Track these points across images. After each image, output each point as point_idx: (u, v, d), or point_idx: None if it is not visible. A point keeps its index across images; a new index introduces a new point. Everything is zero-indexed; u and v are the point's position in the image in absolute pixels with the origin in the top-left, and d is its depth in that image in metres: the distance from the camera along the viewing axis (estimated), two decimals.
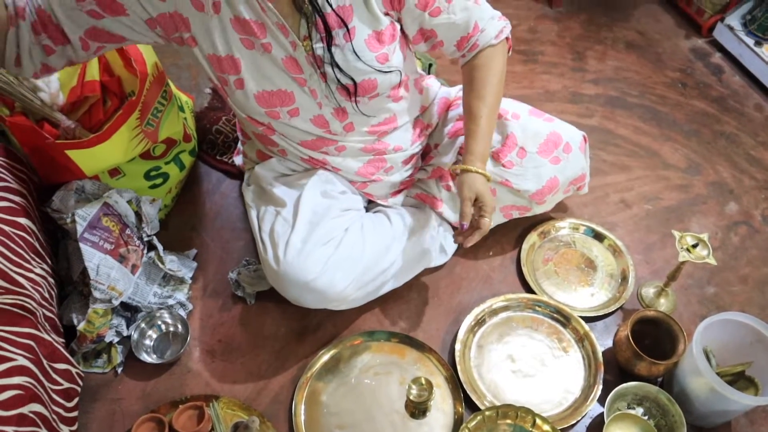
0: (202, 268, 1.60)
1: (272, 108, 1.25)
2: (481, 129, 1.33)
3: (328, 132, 1.34)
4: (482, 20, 1.30)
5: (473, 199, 1.30)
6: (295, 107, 1.26)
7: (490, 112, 1.34)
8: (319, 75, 1.22)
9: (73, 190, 1.42)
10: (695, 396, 1.28)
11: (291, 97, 1.24)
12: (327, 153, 1.40)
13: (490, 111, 1.34)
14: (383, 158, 1.45)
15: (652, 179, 1.84)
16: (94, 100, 1.46)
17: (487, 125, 1.34)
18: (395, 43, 1.26)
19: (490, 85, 1.34)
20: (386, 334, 1.46)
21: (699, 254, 1.38)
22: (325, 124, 1.32)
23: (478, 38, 1.31)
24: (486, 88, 1.34)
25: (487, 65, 1.34)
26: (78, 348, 1.39)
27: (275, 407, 1.37)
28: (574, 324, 1.47)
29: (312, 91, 1.25)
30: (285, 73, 1.21)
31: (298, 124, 1.31)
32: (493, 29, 1.31)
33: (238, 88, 1.22)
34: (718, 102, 2.10)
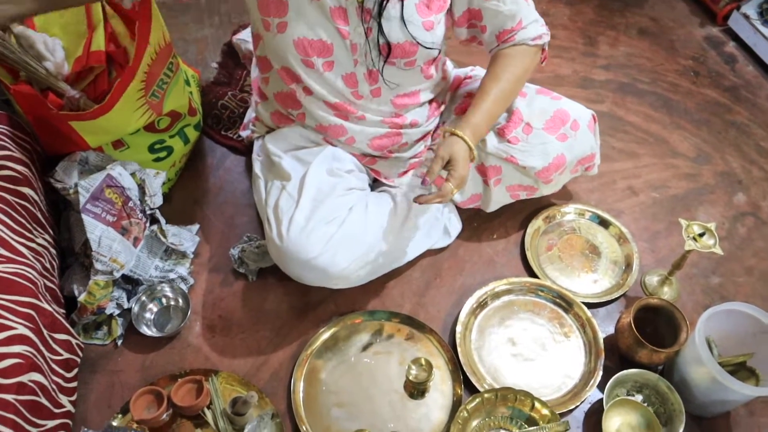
0: (205, 243, 1.59)
1: (308, 57, 1.25)
2: (484, 104, 1.32)
3: (355, 94, 1.34)
4: (527, 18, 1.32)
5: (446, 160, 1.27)
6: (331, 60, 1.27)
7: (500, 95, 1.33)
8: (365, 29, 1.23)
9: (77, 161, 1.41)
10: (695, 385, 1.28)
11: (330, 49, 1.25)
12: (347, 119, 1.39)
13: (501, 94, 1.34)
14: (399, 132, 1.44)
15: (660, 167, 1.83)
16: (100, 71, 1.45)
17: (493, 105, 1.33)
18: (442, 14, 1.28)
19: (510, 72, 1.34)
20: (387, 313, 1.46)
21: (705, 243, 1.37)
22: (355, 83, 1.32)
23: (518, 33, 1.32)
24: (505, 73, 1.34)
25: (515, 57, 1.35)
26: (78, 319, 1.39)
27: (274, 383, 1.37)
28: (576, 310, 1.46)
29: (353, 46, 1.26)
30: (330, 22, 1.22)
31: (330, 79, 1.30)
32: (534, 31, 1.34)
33: (279, 32, 1.23)
34: (730, 91, 2.07)
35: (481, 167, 1.49)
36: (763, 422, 1.35)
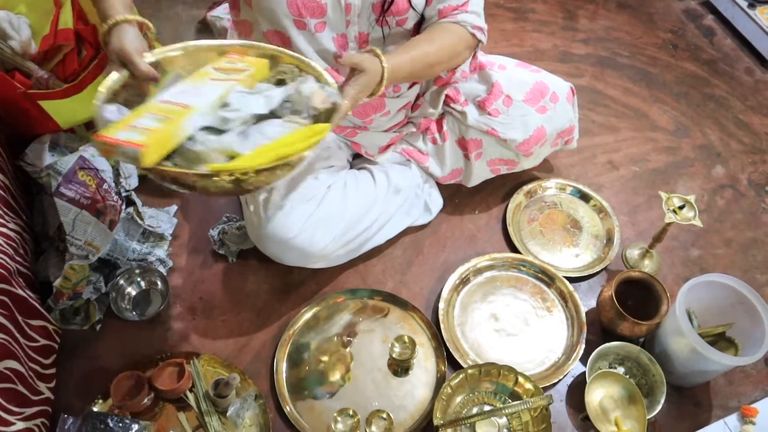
0: (183, 225, 1.56)
1: (302, 18, 1.21)
2: (412, 50, 1.22)
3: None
4: (473, 5, 1.27)
5: (360, 63, 1.13)
6: (323, 21, 1.23)
7: (427, 55, 1.24)
8: None
9: (48, 143, 1.37)
10: (676, 356, 1.29)
11: (323, 10, 1.21)
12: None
13: (428, 55, 1.25)
14: (383, 100, 1.40)
15: (640, 141, 1.83)
16: (68, 50, 1.41)
17: (418, 54, 1.23)
18: None
19: (443, 41, 1.26)
20: (369, 292, 1.45)
21: (685, 216, 1.37)
22: (345, 45, 1.28)
23: (461, 14, 1.26)
24: (440, 39, 1.26)
25: (452, 33, 1.27)
26: (55, 305, 1.36)
27: (257, 365, 1.36)
28: (559, 284, 1.47)
29: (347, 6, 1.21)
30: None
31: (320, 41, 1.25)
32: (476, 20, 1.28)
33: None
34: (708, 65, 2.07)
35: (462, 141, 1.48)
36: (742, 391, 1.37)
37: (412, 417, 1.29)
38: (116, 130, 0.91)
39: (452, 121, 1.48)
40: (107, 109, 1.00)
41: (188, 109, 0.98)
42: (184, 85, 1.05)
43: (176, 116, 0.96)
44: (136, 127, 0.92)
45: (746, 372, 1.40)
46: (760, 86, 2.01)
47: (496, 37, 2.08)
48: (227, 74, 1.07)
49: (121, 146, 0.89)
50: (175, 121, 0.95)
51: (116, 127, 0.92)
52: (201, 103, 1.00)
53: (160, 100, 1.00)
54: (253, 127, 1.01)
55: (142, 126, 0.92)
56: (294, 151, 0.97)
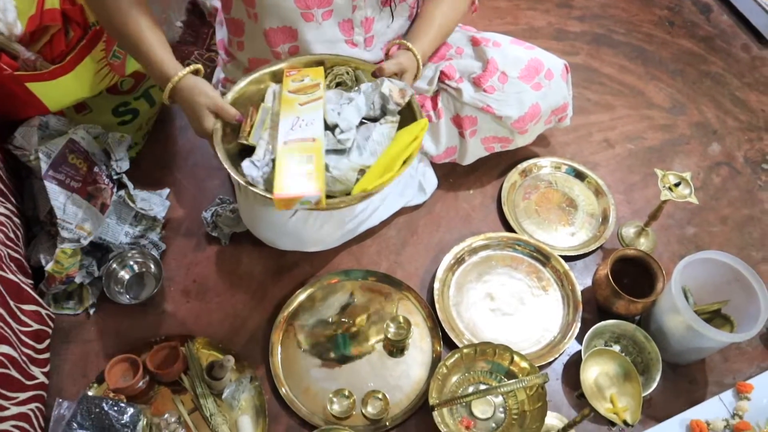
0: (176, 208, 1.55)
1: (309, 9, 1.21)
2: (432, 31, 1.33)
3: (349, 42, 1.31)
4: None
5: (401, 68, 1.25)
6: (330, 9, 1.23)
7: (443, 25, 1.35)
8: None
9: (36, 126, 1.35)
10: (671, 334, 1.29)
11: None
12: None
13: (443, 22, 1.35)
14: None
15: (635, 118, 1.81)
16: (55, 30, 1.38)
17: (438, 31, 1.34)
18: None
19: (451, 8, 1.35)
20: (364, 272, 1.44)
21: (681, 193, 1.36)
22: (350, 31, 1.29)
23: None
24: (448, 2, 1.34)
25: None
26: (47, 289, 1.35)
27: (252, 347, 1.36)
28: (554, 263, 1.46)
29: None
30: None
31: (326, 29, 1.26)
32: None
33: None
34: (705, 41, 2.05)
35: (457, 118, 1.47)
36: (737, 368, 1.37)
37: (407, 397, 1.29)
38: (283, 184, 1.02)
39: (447, 98, 1.47)
40: (245, 167, 1.10)
41: (317, 142, 1.09)
42: (286, 119, 1.13)
43: (316, 152, 1.06)
44: (297, 174, 1.03)
45: (741, 349, 1.40)
46: (756, 63, 1.99)
47: (490, 14, 2.05)
48: (306, 94, 1.17)
49: (302, 197, 1.01)
50: (319, 157, 1.06)
51: (279, 181, 1.03)
52: (319, 131, 1.10)
53: (284, 141, 1.09)
54: (359, 137, 1.14)
55: (301, 172, 1.04)
56: (414, 148, 1.11)
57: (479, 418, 1.25)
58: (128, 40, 1.16)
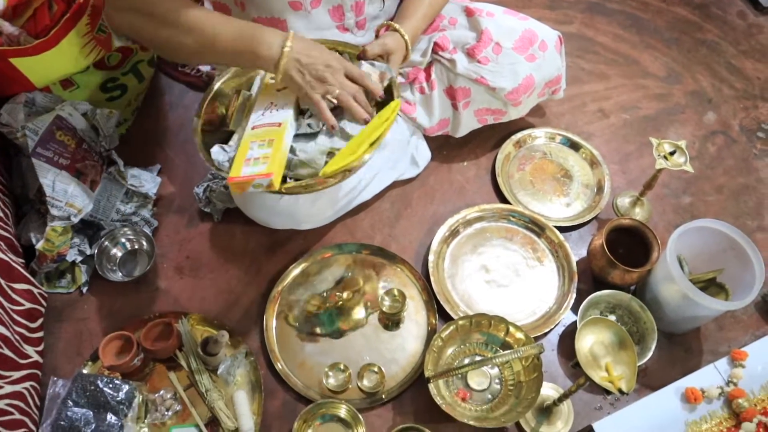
0: (167, 184, 1.54)
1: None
2: (422, 8, 1.33)
3: (340, 28, 1.30)
4: None
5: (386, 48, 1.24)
6: None
7: (432, 3, 1.36)
8: None
9: (23, 103, 1.33)
10: (667, 303, 1.29)
11: None
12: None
13: (433, 4, 1.36)
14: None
15: (630, 88, 1.80)
16: (39, 4, 1.34)
17: (429, 9, 1.35)
18: None
19: None
20: (357, 246, 1.43)
21: (676, 161, 1.35)
22: (341, 16, 1.28)
23: None
24: None
25: None
26: (38, 267, 1.34)
27: (246, 322, 1.35)
28: (549, 234, 1.45)
29: None
30: None
31: (316, 16, 1.25)
32: None
33: None
34: (700, 9, 2.03)
35: (450, 90, 1.45)
36: (732, 336, 1.37)
37: (403, 370, 1.29)
38: (239, 168, 1.04)
39: (440, 69, 1.45)
40: (214, 152, 1.13)
41: (282, 126, 1.09)
42: (260, 104, 1.16)
43: (277, 136, 1.08)
44: (253, 159, 1.05)
45: (736, 317, 1.40)
46: (753, 30, 1.97)
47: None
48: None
49: (254, 180, 1.02)
50: (279, 140, 1.07)
51: (237, 165, 1.05)
52: (287, 116, 1.12)
53: (252, 126, 1.11)
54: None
55: (257, 156, 1.05)
56: (384, 129, 1.10)
57: (475, 389, 1.25)
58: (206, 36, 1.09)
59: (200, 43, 1.09)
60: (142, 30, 1.10)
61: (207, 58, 1.18)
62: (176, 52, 1.14)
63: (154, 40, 1.11)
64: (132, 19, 1.09)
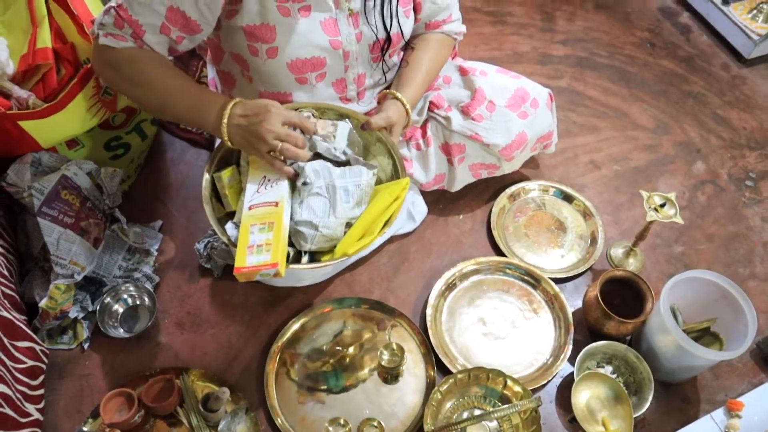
0: (168, 240, 1.56)
1: (302, 74, 1.26)
2: (419, 76, 1.39)
3: (343, 99, 1.37)
4: (455, 14, 1.45)
5: (390, 121, 1.31)
6: (324, 72, 1.28)
7: (430, 71, 1.42)
8: (356, 35, 1.26)
9: (29, 163, 1.36)
10: (662, 353, 1.30)
11: (323, 63, 1.26)
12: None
13: (431, 70, 1.42)
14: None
15: (620, 140, 1.85)
16: (47, 69, 1.40)
17: (426, 77, 1.41)
18: (411, 4, 1.35)
19: (437, 53, 1.43)
20: (356, 300, 1.45)
21: (666, 213, 1.39)
22: (344, 89, 1.35)
23: (447, 25, 1.44)
24: (434, 52, 1.43)
25: (441, 43, 1.45)
26: (41, 325, 1.36)
27: (246, 377, 1.36)
28: (544, 285, 1.48)
29: (345, 54, 1.27)
30: (322, 37, 1.22)
31: (320, 89, 1.32)
32: (459, 27, 1.46)
33: (270, 57, 1.22)
34: (686, 62, 2.10)
35: (445, 146, 1.49)
36: (728, 385, 1.38)
37: (403, 424, 1.30)
38: (244, 258, 1.05)
39: (436, 126, 1.50)
40: (228, 228, 1.16)
41: (279, 206, 1.11)
42: (253, 181, 1.17)
43: (277, 218, 1.09)
44: (255, 246, 1.06)
45: (732, 365, 1.41)
46: (736, 81, 2.04)
47: (475, 41, 2.09)
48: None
49: (261, 270, 1.04)
50: (279, 223, 1.09)
51: (241, 254, 1.06)
52: (283, 192, 1.14)
53: (249, 206, 1.13)
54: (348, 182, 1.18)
55: (260, 242, 1.07)
56: (395, 209, 1.17)
57: None
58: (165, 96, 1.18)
59: (158, 104, 1.19)
60: (117, 84, 1.21)
61: (169, 118, 1.30)
62: (146, 108, 1.29)
63: (128, 93, 1.24)
64: (110, 74, 1.19)
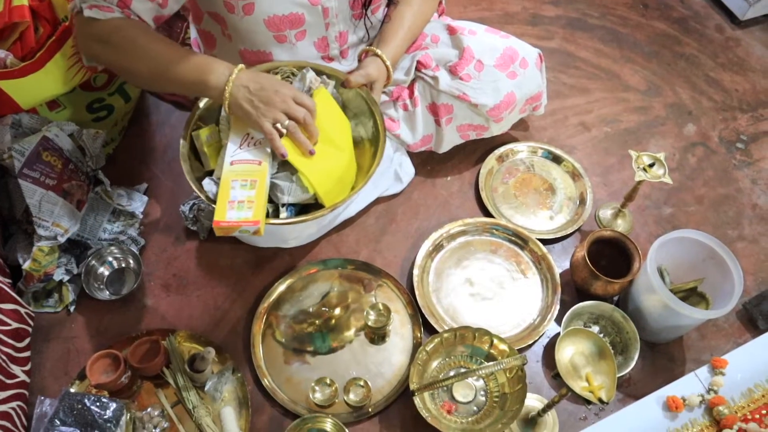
0: (154, 203, 1.55)
1: (281, 32, 1.23)
2: (401, 32, 1.37)
3: (325, 58, 1.34)
4: None
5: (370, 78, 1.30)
6: (303, 29, 1.25)
7: (413, 27, 1.40)
8: None
9: (9, 125, 1.34)
10: (649, 313, 1.31)
11: (301, 20, 1.23)
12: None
13: (414, 26, 1.40)
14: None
15: (611, 101, 1.83)
16: (24, 27, 1.36)
17: (408, 33, 1.39)
18: None
19: (421, 8, 1.40)
20: (343, 261, 1.45)
21: (655, 173, 1.38)
22: (326, 47, 1.32)
23: None
24: (417, 5, 1.39)
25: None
26: (25, 287, 1.35)
27: (233, 338, 1.36)
28: (532, 246, 1.47)
29: (324, 10, 1.24)
30: None
31: (301, 48, 1.29)
32: None
33: (247, 14, 1.19)
34: (678, 23, 2.06)
35: (433, 106, 1.47)
36: (714, 345, 1.39)
37: (389, 383, 1.30)
38: (224, 211, 1.05)
39: (423, 86, 1.47)
40: (205, 184, 1.15)
41: (263, 166, 1.11)
42: (235, 137, 1.15)
43: (260, 177, 1.09)
44: (237, 201, 1.06)
45: (718, 325, 1.42)
46: (730, 43, 2.01)
47: (465, 1, 2.05)
48: None
49: (241, 226, 1.04)
50: (262, 182, 1.09)
51: (221, 208, 1.05)
52: (267, 152, 1.13)
53: (231, 161, 1.11)
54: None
55: (242, 198, 1.06)
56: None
57: (460, 401, 1.26)
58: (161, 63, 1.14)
59: (153, 71, 1.13)
60: (106, 57, 1.16)
61: (161, 86, 1.27)
62: (134, 79, 1.24)
63: (114, 66, 1.19)
64: (97, 49, 1.15)
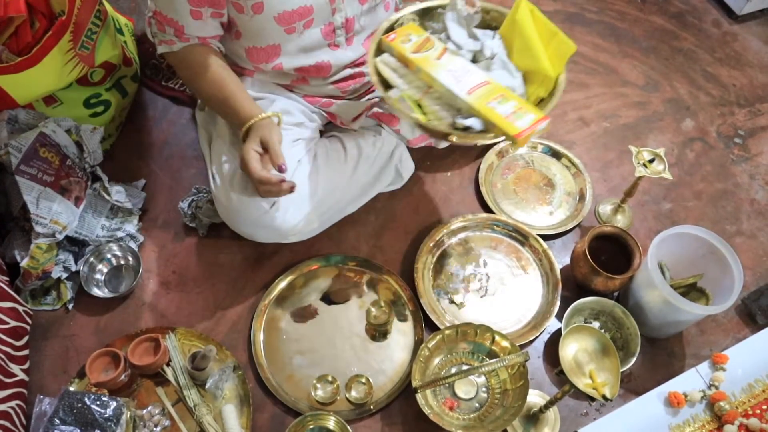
0: (152, 199, 1.54)
1: (291, 25, 1.24)
2: None
3: (331, 46, 1.33)
4: None
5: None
6: (311, 18, 1.25)
7: None
8: None
9: (5, 120, 1.33)
10: (649, 308, 1.31)
11: (309, 10, 1.23)
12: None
13: None
14: (363, 72, 1.43)
15: (610, 96, 1.83)
16: (20, 21, 1.34)
17: None
18: None
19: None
20: (343, 257, 1.44)
21: (655, 169, 1.38)
22: (332, 34, 1.31)
23: None
24: None
25: None
26: (23, 285, 1.34)
27: (234, 336, 1.36)
28: (532, 242, 1.47)
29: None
30: None
31: (308, 37, 1.28)
32: None
33: (257, 13, 1.20)
34: (676, 18, 2.06)
35: None
36: (713, 340, 1.40)
37: (391, 380, 1.30)
38: (512, 124, 1.08)
39: None
40: (468, 121, 1.13)
41: (493, 83, 1.15)
42: (445, 76, 1.16)
43: (504, 90, 1.14)
44: (511, 113, 1.09)
45: (718, 321, 1.42)
46: (727, 38, 2.01)
47: None
48: (428, 50, 1.21)
49: (537, 127, 1.08)
50: (508, 92, 1.13)
51: (506, 124, 1.08)
52: (484, 74, 1.17)
53: (468, 91, 1.13)
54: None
55: (512, 110, 1.10)
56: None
57: (462, 398, 1.26)
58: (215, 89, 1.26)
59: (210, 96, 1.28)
60: (191, 83, 1.32)
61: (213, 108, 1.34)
62: (198, 95, 1.39)
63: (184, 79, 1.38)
64: (183, 74, 1.33)
